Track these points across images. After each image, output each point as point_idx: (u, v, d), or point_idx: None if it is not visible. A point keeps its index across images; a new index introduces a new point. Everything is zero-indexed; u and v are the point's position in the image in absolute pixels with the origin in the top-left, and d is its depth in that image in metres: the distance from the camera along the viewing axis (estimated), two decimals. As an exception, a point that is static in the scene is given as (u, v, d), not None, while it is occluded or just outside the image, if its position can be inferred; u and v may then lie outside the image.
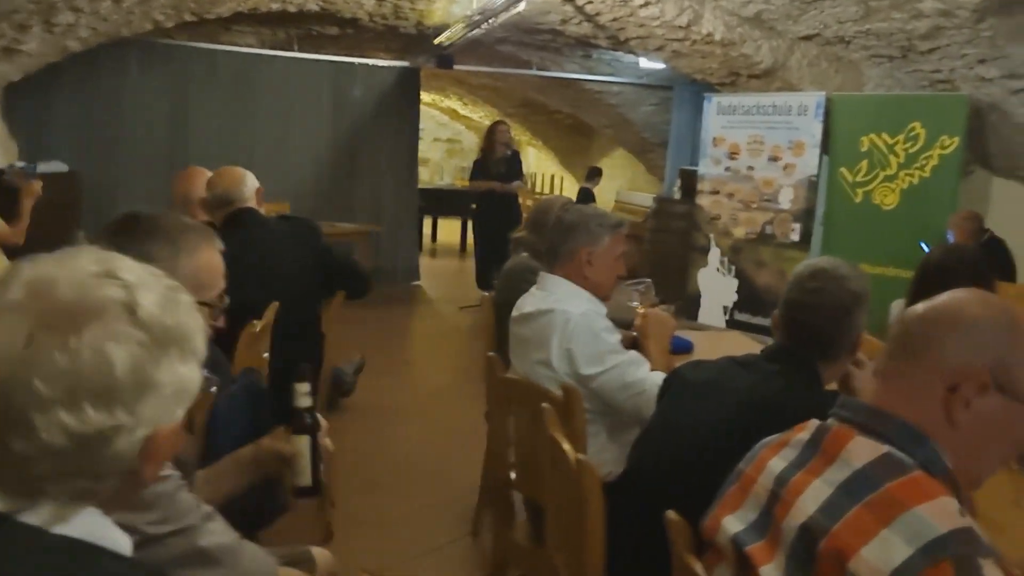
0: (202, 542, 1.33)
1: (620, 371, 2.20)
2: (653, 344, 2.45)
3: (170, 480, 1.33)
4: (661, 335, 2.49)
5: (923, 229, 6.24)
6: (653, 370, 2.33)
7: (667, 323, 2.52)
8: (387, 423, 4.68)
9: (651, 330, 2.48)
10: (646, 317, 2.50)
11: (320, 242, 3.16)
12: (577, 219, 2.37)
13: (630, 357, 2.25)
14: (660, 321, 2.51)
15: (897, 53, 6.16)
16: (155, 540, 1.28)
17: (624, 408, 2.27)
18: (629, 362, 2.23)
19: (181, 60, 8.08)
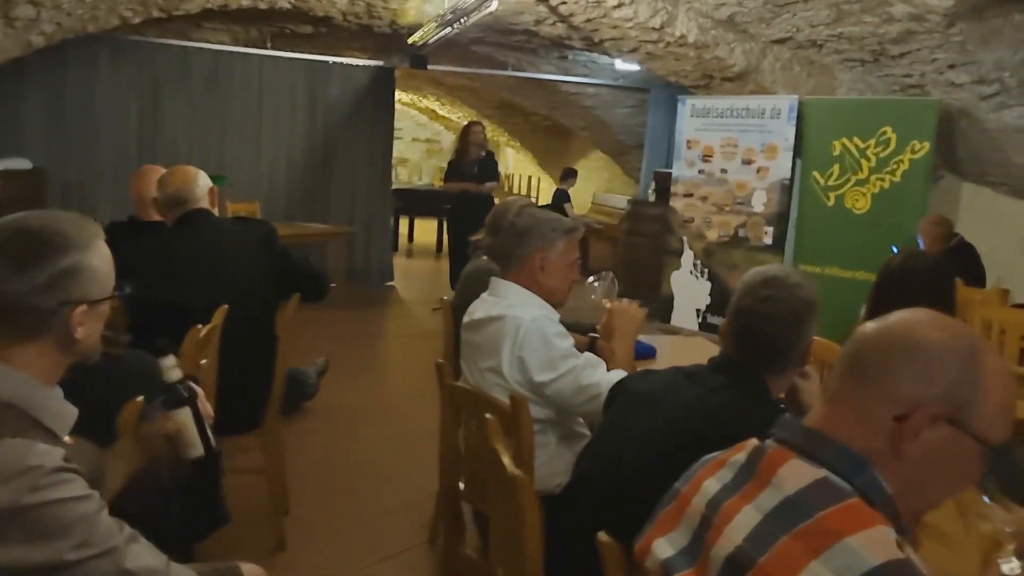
0: (128, 564, 1.27)
1: (574, 375, 2.15)
2: (618, 340, 2.40)
3: (89, 500, 1.27)
4: (627, 330, 2.42)
5: (894, 233, 6.24)
6: (615, 368, 2.29)
7: (634, 316, 2.45)
8: (349, 426, 4.61)
9: (616, 325, 2.42)
10: (611, 312, 2.44)
11: (275, 245, 3.09)
12: (530, 223, 2.32)
13: (584, 360, 2.20)
14: (626, 315, 2.44)
15: (869, 57, 6.16)
16: (76, 565, 1.23)
17: (581, 412, 2.22)
18: (584, 365, 2.17)
19: (152, 57, 7.97)
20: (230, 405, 2.90)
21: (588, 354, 2.24)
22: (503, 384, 2.15)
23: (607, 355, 2.64)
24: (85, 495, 1.27)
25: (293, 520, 3.40)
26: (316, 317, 6.89)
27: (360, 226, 8.82)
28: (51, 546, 1.21)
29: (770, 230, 6.93)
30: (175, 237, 2.94)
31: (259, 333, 3.02)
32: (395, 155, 17.26)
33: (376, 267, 9.00)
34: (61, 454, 1.27)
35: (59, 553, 1.22)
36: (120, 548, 1.27)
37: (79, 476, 1.28)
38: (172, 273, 2.85)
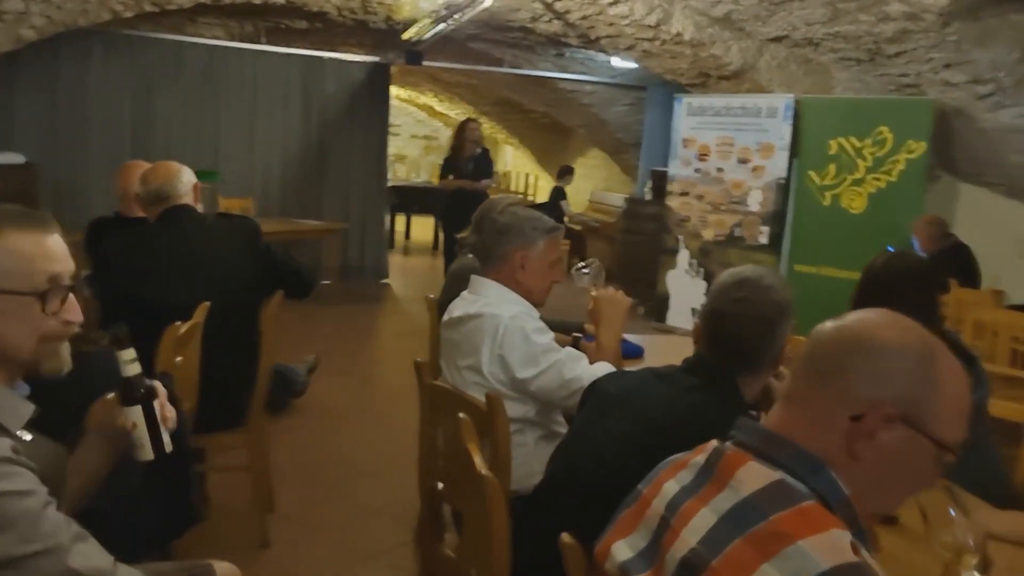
0: (73, 563, 1.25)
1: (557, 370, 2.12)
2: (603, 328, 2.36)
3: (34, 496, 1.24)
4: (613, 317, 2.38)
5: (890, 233, 6.21)
6: (602, 358, 2.26)
7: (619, 303, 2.41)
8: (337, 424, 4.58)
9: (602, 311, 2.38)
10: (597, 299, 2.40)
11: (259, 241, 3.05)
12: (511, 221, 2.29)
13: (567, 354, 2.17)
14: (612, 302, 2.40)
15: (865, 56, 6.13)
16: (20, 560, 1.20)
17: (566, 407, 2.20)
18: (565, 359, 2.15)
19: (146, 51, 7.94)
20: (214, 402, 2.89)
21: (569, 348, 2.22)
22: (481, 383, 2.12)
23: (590, 352, 2.62)
24: (29, 490, 1.24)
25: (278, 518, 3.38)
26: (308, 314, 6.88)
27: (355, 223, 8.79)
28: None
29: (766, 229, 6.90)
30: (156, 233, 2.91)
31: (242, 330, 2.99)
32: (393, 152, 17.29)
33: (371, 264, 8.97)
34: (9, 445, 1.25)
35: (1, 547, 1.19)
36: (64, 546, 1.24)
37: (27, 471, 1.25)
38: (152, 270, 2.82)
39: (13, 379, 1.38)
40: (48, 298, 1.35)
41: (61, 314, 1.38)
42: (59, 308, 1.37)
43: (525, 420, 2.15)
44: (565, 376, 2.12)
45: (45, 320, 1.36)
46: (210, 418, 2.92)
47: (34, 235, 1.35)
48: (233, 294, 2.94)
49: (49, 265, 1.36)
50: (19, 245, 1.32)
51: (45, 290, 1.35)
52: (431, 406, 2.21)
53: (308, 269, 3.28)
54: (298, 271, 3.20)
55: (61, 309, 1.38)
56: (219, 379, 2.90)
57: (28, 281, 1.33)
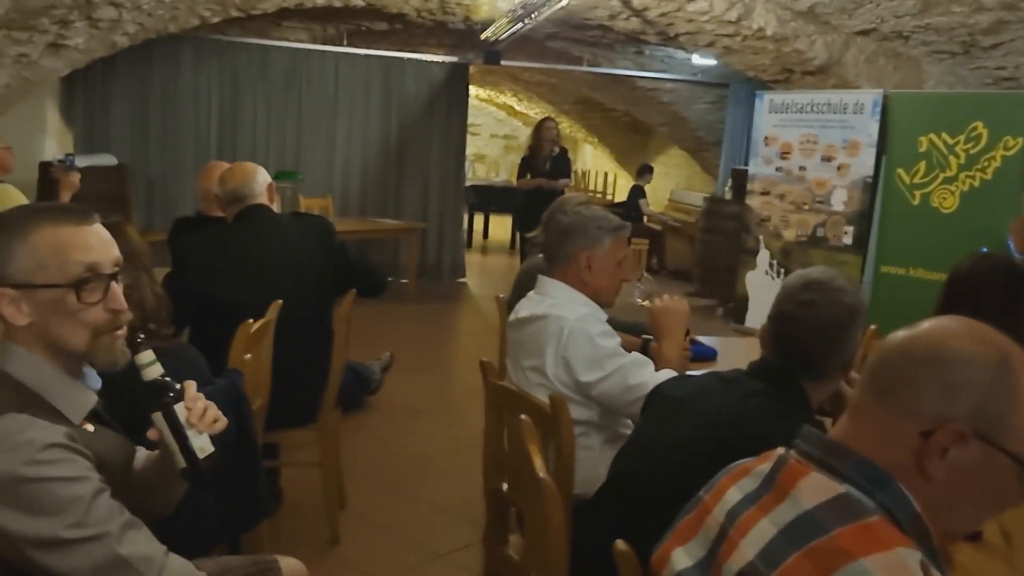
0: (122, 550, 1.27)
1: (621, 375, 2.08)
2: (665, 339, 2.33)
3: (86, 482, 1.27)
4: (673, 327, 2.35)
5: (983, 234, 5.94)
6: (666, 367, 2.22)
7: (678, 313, 2.37)
8: (410, 423, 4.61)
9: (661, 323, 2.35)
10: (653, 312, 2.37)
11: (332, 240, 3.09)
12: (575, 221, 2.25)
13: (632, 359, 2.13)
14: (668, 312, 2.36)
15: (959, 49, 5.89)
16: (70, 544, 1.24)
17: (629, 413, 2.15)
18: (631, 364, 2.11)
19: (233, 55, 8.16)
20: (286, 399, 2.94)
21: (636, 353, 2.18)
22: (545, 384, 2.09)
23: (658, 356, 2.57)
24: (81, 476, 1.26)
25: (348, 515, 3.41)
26: (385, 311, 6.96)
27: (433, 222, 8.86)
28: (44, 521, 1.22)
29: (850, 229, 6.68)
30: (232, 232, 2.97)
31: (315, 328, 3.03)
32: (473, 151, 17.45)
33: (448, 263, 9.03)
34: (63, 432, 1.28)
35: (52, 529, 1.23)
36: (113, 534, 1.27)
37: (81, 458, 1.28)
38: (227, 268, 2.88)
39: (76, 370, 1.41)
40: (85, 288, 1.34)
41: (106, 304, 1.37)
42: (100, 298, 1.36)
43: (590, 423, 2.11)
44: (629, 382, 2.08)
45: (87, 311, 1.35)
46: (283, 414, 2.97)
47: (69, 228, 1.35)
48: (306, 292, 2.98)
49: (85, 255, 1.35)
50: (53, 239, 1.33)
51: (81, 279, 1.34)
52: (496, 406, 2.20)
53: (380, 269, 3.30)
54: (371, 270, 3.23)
55: (104, 299, 1.36)
56: (291, 376, 2.94)
57: (63, 273, 1.33)
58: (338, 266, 3.10)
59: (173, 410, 1.42)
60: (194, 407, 1.43)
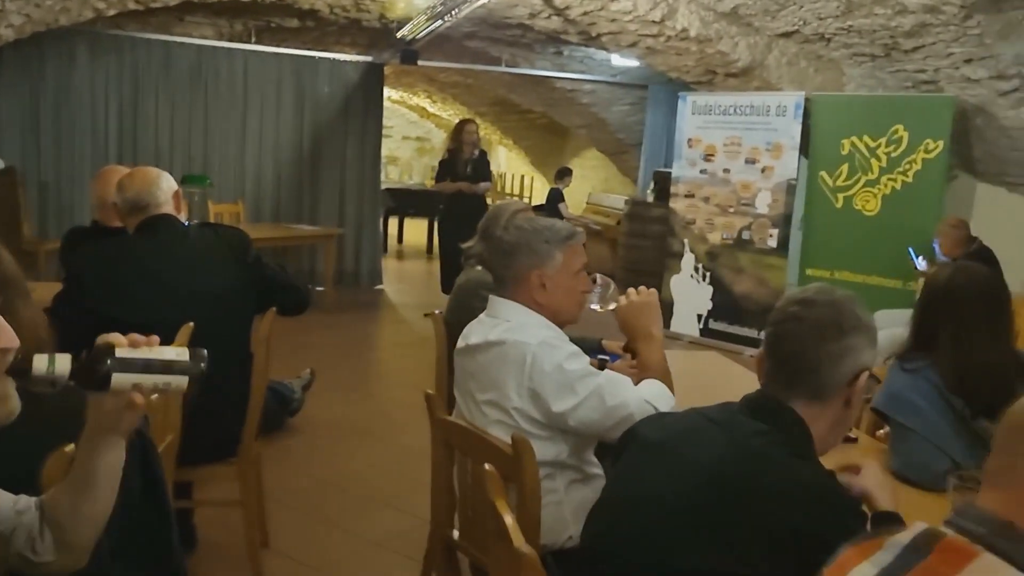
0: None
1: (598, 397, 1.83)
2: (642, 343, 2.06)
3: None
4: (645, 324, 2.06)
5: (906, 236, 5.99)
6: (648, 376, 1.98)
7: (649, 307, 2.08)
8: (336, 444, 4.31)
9: (634, 324, 2.07)
10: (621, 313, 2.09)
11: (248, 253, 2.79)
12: (518, 238, 1.99)
13: (607, 377, 1.88)
14: (641, 309, 2.07)
15: (880, 52, 5.90)
16: None
17: (612, 438, 1.91)
18: (607, 383, 1.86)
19: (133, 52, 7.67)
20: (201, 433, 2.63)
21: (609, 371, 1.94)
22: (506, 420, 1.85)
23: (640, 364, 2.37)
24: None
25: (272, 554, 3.11)
26: (302, 323, 6.58)
27: (349, 228, 8.53)
28: None
29: (775, 232, 6.67)
30: (133, 246, 2.64)
31: (231, 352, 2.72)
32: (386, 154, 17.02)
33: (366, 270, 8.71)
34: None
35: None
36: None
37: None
38: (128, 286, 2.55)
39: None
40: None
41: None
42: None
43: (556, 463, 1.87)
44: (608, 403, 1.84)
45: None
46: (198, 450, 2.66)
47: None
48: (221, 312, 2.67)
49: None
50: None
51: None
52: (444, 444, 1.96)
53: (303, 283, 3.02)
54: (292, 285, 2.94)
55: None
56: (206, 407, 2.63)
57: None
58: (256, 282, 2.80)
59: (125, 361, 1.14)
60: (133, 343, 1.19)
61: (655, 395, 1.88)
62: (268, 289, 2.84)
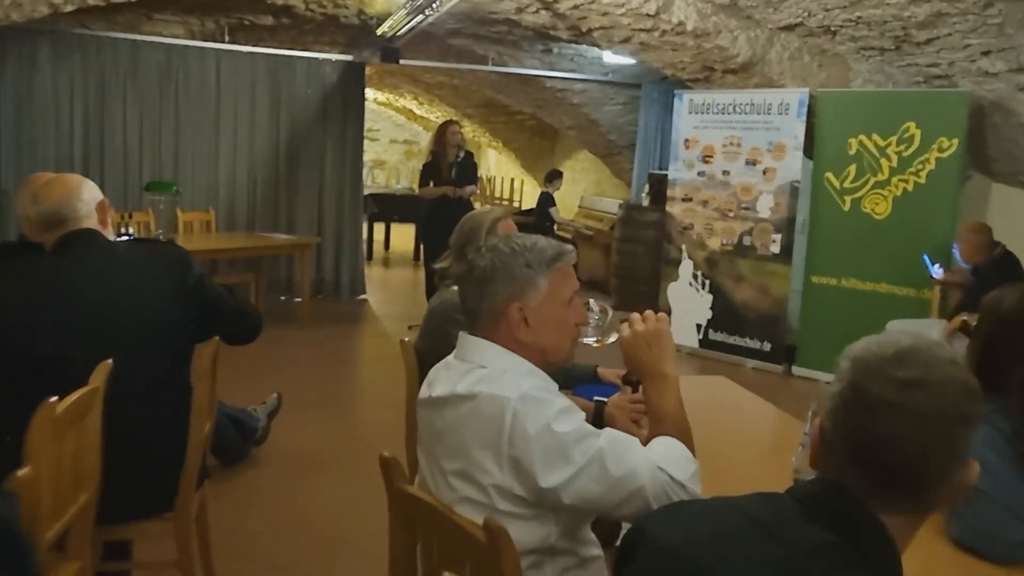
0: None
1: (599, 465, 1.40)
2: (652, 384, 1.60)
3: None
4: (663, 359, 1.61)
5: (919, 241, 5.63)
6: (662, 431, 1.55)
7: (660, 337, 1.63)
8: (308, 478, 3.90)
9: (643, 359, 1.62)
10: (626, 345, 1.64)
11: (188, 274, 2.38)
12: (494, 263, 1.56)
13: (609, 438, 1.45)
14: (651, 340, 1.62)
15: (890, 44, 5.53)
16: None
17: (621, 517, 1.45)
18: (610, 445, 1.43)
19: (99, 52, 7.26)
20: (128, 487, 2.24)
21: (610, 430, 1.51)
22: (479, 499, 1.42)
23: (618, 420, 1.97)
24: None
25: (221, 616, 2.71)
26: (275, 338, 6.17)
27: (329, 235, 8.12)
28: None
29: (778, 238, 6.29)
30: (48, 266, 2.24)
31: (165, 390, 2.32)
32: (372, 158, 16.71)
33: (347, 279, 8.30)
34: None
35: None
36: None
37: None
38: (40, 314, 2.15)
39: None
40: None
41: None
42: None
43: (545, 549, 1.45)
44: (613, 472, 1.40)
45: None
46: (124, 506, 2.27)
47: None
48: (152, 343, 2.28)
49: None
50: None
51: None
52: (404, 520, 1.56)
53: (252, 308, 2.61)
54: (239, 311, 2.54)
55: None
56: (135, 456, 2.24)
57: None
58: (198, 307, 2.40)
59: None
60: None
61: (672, 460, 1.46)
62: (211, 315, 2.44)
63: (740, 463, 2.20)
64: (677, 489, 1.43)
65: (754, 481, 1.90)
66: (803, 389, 5.93)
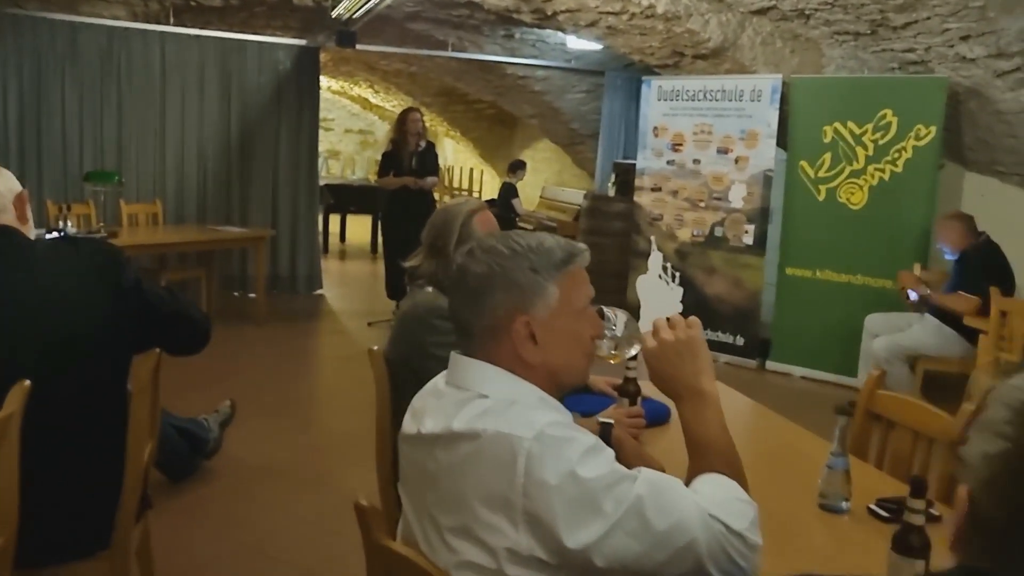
0: None
1: (638, 516, 1.12)
2: (689, 403, 1.34)
3: None
4: (693, 369, 1.35)
5: (895, 231, 5.49)
6: (705, 467, 1.28)
7: (692, 348, 1.36)
8: (266, 492, 3.60)
9: (673, 374, 1.36)
10: (650, 357, 1.38)
11: (123, 276, 2.08)
12: (491, 268, 1.28)
13: (648, 482, 1.16)
14: (679, 352, 1.35)
15: (865, 29, 5.36)
16: None
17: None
18: (648, 489, 1.14)
19: (34, 34, 6.81)
20: (56, 522, 1.95)
21: (646, 471, 1.20)
22: (482, 563, 1.15)
23: (627, 450, 1.71)
24: None
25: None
26: (229, 336, 5.86)
27: (284, 228, 7.77)
28: None
29: (751, 228, 6.12)
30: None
31: (97, 409, 2.02)
32: (327, 148, 16.30)
33: (304, 273, 7.96)
34: None
35: None
36: None
37: None
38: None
39: None
40: None
41: None
42: None
43: None
44: (656, 525, 1.12)
45: None
46: (52, 545, 1.97)
47: None
48: (80, 357, 1.98)
49: None
50: None
51: None
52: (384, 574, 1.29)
53: (198, 312, 2.31)
54: (185, 316, 2.24)
55: None
56: (62, 488, 1.95)
57: None
58: (133, 314, 2.09)
59: None
60: None
61: (726, 504, 1.19)
62: (151, 323, 2.14)
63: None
64: (735, 542, 1.16)
65: (762, 492, 1.64)
66: (778, 384, 5.77)
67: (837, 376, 5.67)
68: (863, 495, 1.83)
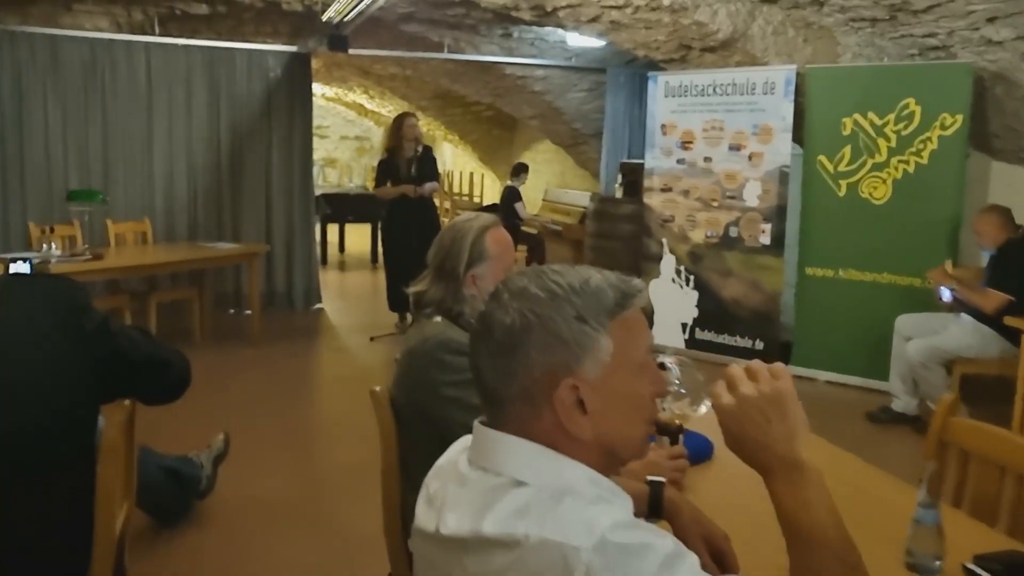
0: None
1: None
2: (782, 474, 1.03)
3: None
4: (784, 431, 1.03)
5: (922, 226, 5.21)
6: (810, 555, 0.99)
7: (780, 404, 1.04)
8: (264, 537, 3.32)
9: (753, 434, 1.04)
10: (725, 416, 1.07)
11: (85, 318, 1.80)
12: (525, 319, 0.98)
13: None
14: (763, 409, 1.04)
15: (883, 15, 5.08)
16: None
17: None
18: None
19: (12, 48, 6.56)
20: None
21: None
22: None
23: (695, 518, 1.42)
24: None
25: None
26: (222, 360, 5.58)
27: (279, 242, 7.50)
28: None
29: (768, 228, 5.84)
30: None
31: (58, 473, 1.75)
32: (323, 156, 16.04)
33: (301, 288, 7.68)
34: None
35: None
36: None
37: None
38: None
39: None
40: None
41: None
42: None
43: None
44: None
45: None
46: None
47: None
48: (37, 416, 1.70)
49: None
50: None
51: None
52: None
53: (175, 355, 2.03)
54: (159, 360, 1.96)
55: None
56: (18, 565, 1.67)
57: None
58: (99, 361, 1.82)
59: None
60: None
61: None
62: (120, 370, 1.86)
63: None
64: None
65: None
66: (801, 389, 5.42)
67: (865, 380, 5.38)
68: (954, 549, 1.55)
